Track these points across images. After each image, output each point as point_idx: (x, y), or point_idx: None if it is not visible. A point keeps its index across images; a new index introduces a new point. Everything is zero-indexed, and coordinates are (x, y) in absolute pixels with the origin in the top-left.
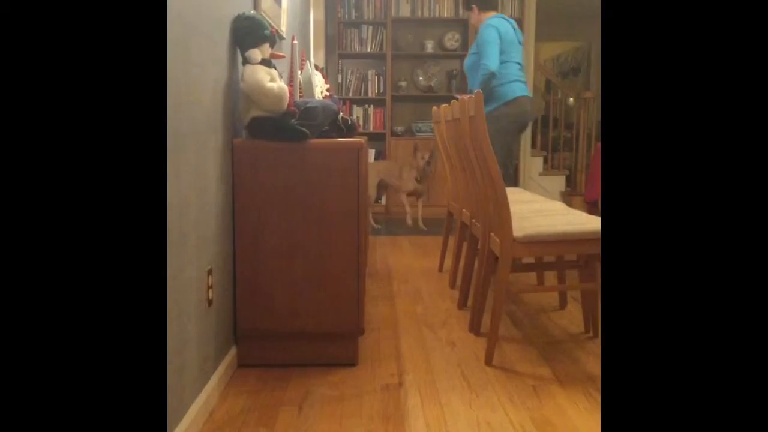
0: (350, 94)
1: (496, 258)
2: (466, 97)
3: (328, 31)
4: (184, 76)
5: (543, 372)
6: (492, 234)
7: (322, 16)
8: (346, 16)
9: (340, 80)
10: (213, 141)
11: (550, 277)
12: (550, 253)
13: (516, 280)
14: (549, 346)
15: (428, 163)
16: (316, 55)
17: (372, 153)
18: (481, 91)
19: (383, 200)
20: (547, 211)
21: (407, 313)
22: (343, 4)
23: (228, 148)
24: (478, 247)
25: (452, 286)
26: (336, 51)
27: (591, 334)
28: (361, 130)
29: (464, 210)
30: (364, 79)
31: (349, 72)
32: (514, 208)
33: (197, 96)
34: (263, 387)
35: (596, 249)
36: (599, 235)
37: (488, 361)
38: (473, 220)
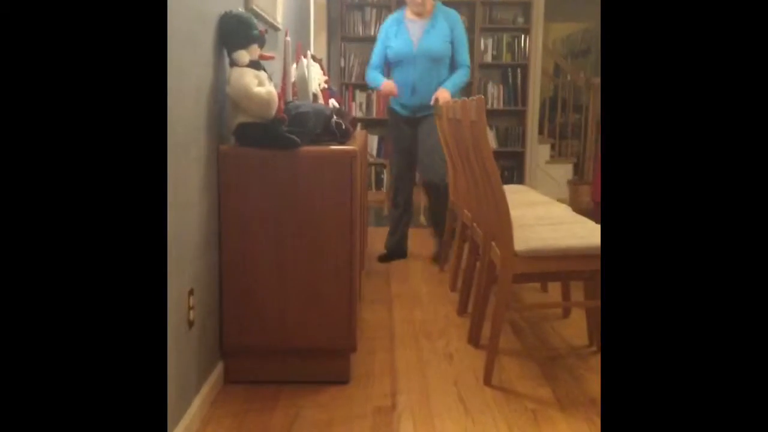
0: (353, 79)
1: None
2: (385, 85)
3: (330, 13)
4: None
5: (543, 393)
6: (493, 243)
7: None
8: None
9: (342, 65)
10: (195, 149)
11: (555, 284)
12: (554, 268)
13: (518, 288)
14: (550, 361)
15: None
16: (317, 39)
17: (375, 139)
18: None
19: (384, 188)
20: (551, 218)
21: (404, 319)
22: None
23: (213, 156)
24: (480, 252)
25: (453, 288)
26: (338, 34)
27: (594, 348)
28: (363, 116)
29: (465, 211)
30: (367, 64)
31: (352, 56)
32: (515, 213)
33: (179, 102)
34: (250, 408)
35: None
36: None
37: (487, 381)
38: (474, 224)
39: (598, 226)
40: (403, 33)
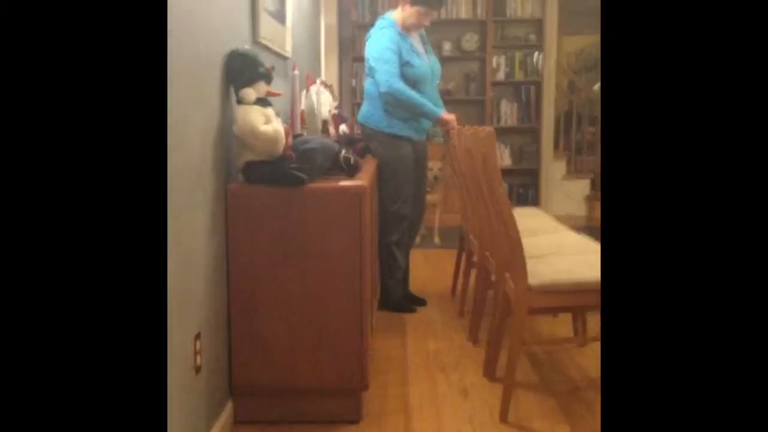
0: None
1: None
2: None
3: (341, 34)
4: (168, 120)
5: (562, 431)
6: (507, 275)
7: (335, 20)
8: (361, 18)
9: (354, 84)
10: (201, 193)
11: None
12: (569, 303)
13: (532, 319)
14: (568, 395)
15: (435, 177)
16: (328, 60)
17: None
18: None
19: None
20: (565, 246)
21: (418, 350)
22: (357, 6)
23: (219, 197)
24: (492, 279)
25: (461, 314)
26: (350, 55)
27: None
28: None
29: (471, 237)
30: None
31: (364, 76)
32: (528, 241)
33: (183, 146)
34: None
35: None
36: None
37: (503, 418)
38: (487, 253)
39: None
40: (415, 50)
